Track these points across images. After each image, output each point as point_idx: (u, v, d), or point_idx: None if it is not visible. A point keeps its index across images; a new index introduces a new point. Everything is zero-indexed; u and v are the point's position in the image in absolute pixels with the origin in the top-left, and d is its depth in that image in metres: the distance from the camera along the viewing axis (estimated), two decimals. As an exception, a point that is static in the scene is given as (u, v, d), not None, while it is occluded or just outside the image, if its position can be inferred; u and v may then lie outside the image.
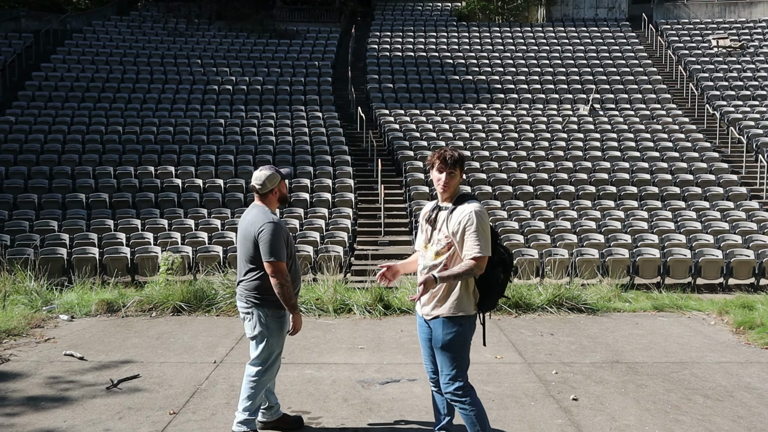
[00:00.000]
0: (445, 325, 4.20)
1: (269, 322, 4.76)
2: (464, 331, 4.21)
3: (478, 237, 4.08)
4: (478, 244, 4.07)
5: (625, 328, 8.30)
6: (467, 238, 4.10)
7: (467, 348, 4.28)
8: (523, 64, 27.24)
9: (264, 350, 4.80)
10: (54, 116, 21.77)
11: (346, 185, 18.00)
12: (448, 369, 4.24)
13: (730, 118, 22.71)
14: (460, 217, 4.14)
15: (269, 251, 4.60)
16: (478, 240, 4.07)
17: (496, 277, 4.20)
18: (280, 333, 4.84)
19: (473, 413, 4.21)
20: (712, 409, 5.46)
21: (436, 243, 4.23)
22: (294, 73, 26.00)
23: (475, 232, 4.08)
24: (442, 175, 4.20)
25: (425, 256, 4.30)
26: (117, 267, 13.08)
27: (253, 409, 4.81)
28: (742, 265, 13.49)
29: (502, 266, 4.24)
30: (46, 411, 5.46)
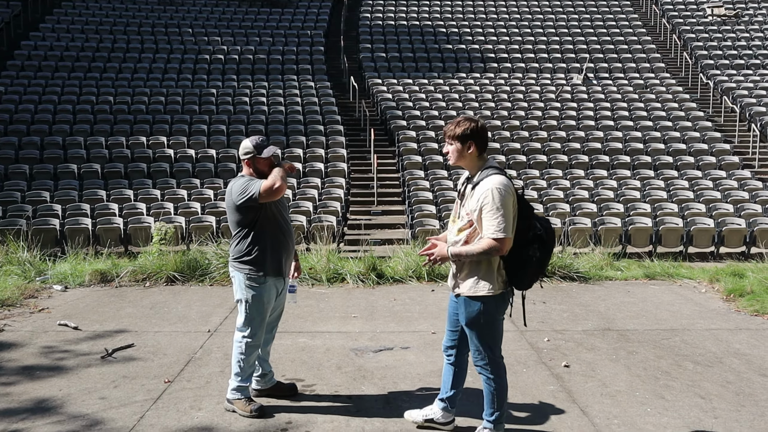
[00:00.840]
0: (467, 303, 4.06)
1: (246, 288, 4.75)
2: (488, 310, 4.03)
3: (496, 216, 3.82)
4: (494, 223, 3.82)
5: (617, 296, 8.37)
6: (485, 217, 3.86)
7: (494, 327, 4.11)
8: (517, 33, 27.06)
9: (245, 315, 4.79)
10: (44, 86, 21.59)
11: (339, 155, 17.95)
12: (475, 344, 4.15)
13: (724, 87, 22.69)
14: (479, 193, 3.89)
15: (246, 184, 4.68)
16: (496, 219, 3.82)
17: (529, 256, 3.93)
18: (259, 299, 4.74)
19: (495, 390, 4.15)
20: (701, 375, 5.52)
21: (460, 218, 4.07)
22: (286, 43, 25.77)
23: (491, 211, 3.83)
24: (444, 146, 4.12)
25: (451, 231, 4.15)
26: (110, 237, 13.07)
27: (244, 375, 4.80)
28: (733, 233, 13.58)
29: (538, 243, 3.95)
30: (41, 380, 5.49)
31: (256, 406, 4.74)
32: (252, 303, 4.75)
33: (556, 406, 4.90)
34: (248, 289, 4.75)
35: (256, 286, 4.74)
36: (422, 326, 7.02)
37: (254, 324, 4.78)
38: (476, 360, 4.21)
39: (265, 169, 4.77)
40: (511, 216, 3.89)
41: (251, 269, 4.72)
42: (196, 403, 4.99)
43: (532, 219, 3.99)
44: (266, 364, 5.06)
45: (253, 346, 4.81)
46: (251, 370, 4.88)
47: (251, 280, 4.73)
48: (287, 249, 4.84)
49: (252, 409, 4.71)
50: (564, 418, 4.71)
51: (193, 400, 5.05)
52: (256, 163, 4.80)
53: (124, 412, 4.84)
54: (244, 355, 4.78)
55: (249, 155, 4.81)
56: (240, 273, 4.78)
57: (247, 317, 4.79)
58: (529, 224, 3.97)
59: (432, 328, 6.93)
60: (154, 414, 4.80)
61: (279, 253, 4.78)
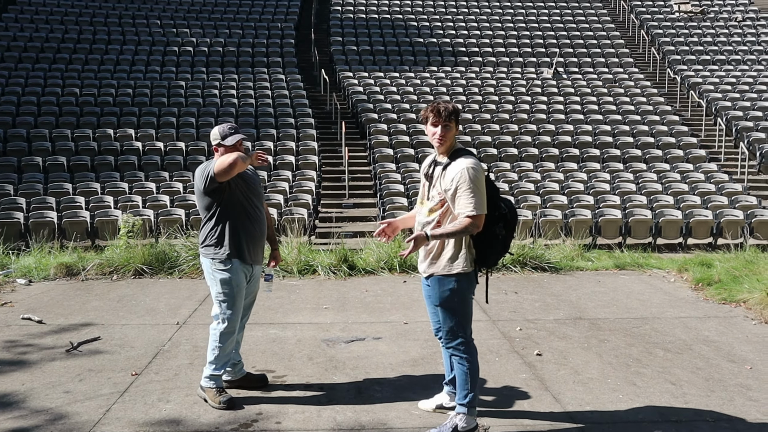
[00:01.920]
0: (441, 282, 4.10)
1: (213, 272, 4.68)
2: (460, 288, 4.08)
3: (472, 194, 3.91)
4: (471, 201, 3.90)
5: (588, 285, 8.40)
6: (460, 195, 3.93)
7: (467, 305, 4.16)
8: (488, 27, 27.10)
9: (217, 301, 4.71)
10: (7, 77, 21.11)
11: (310, 148, 17.82)
12: (448, 325, 4.17)
13: (691, 82, 22.95)
14: (453, 173, 3.96)
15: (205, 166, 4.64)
16: (472, 197, 3.91)
17: (495, 234, 4.04)
18: (228, 283, 4.64)
19: (468, 370, 4.15)
20: (671, 362, 5.56)
21: (430, 199, 4.12)
22: (256, 35, 25.50)
23: (468, 189, 3.91)
24: (437, 129, 4.03)
25: (421, 212, 4.20)
26: (76, 231, 12.80)
27: (218, 364, 4.71)
28: (700, 225, 13.73)
29: (503, 221, 4.08)
30: (2, 375, 5.33)
31: (225, 398, 4.65)
32: (222, 288, 4.66)
33: (529, 394, 4.89)
34: (216, 273, 4.67)
35: (223, 268, 4.65)
36: (394, 317, 6.97)
37: (227, 310, 4.68)
38: (449, 342, 4.22)
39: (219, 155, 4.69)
40: (485, 194, 3.99)
41: (215, 252, 4.67)
42: (164, 395, 4.89)
43: (497, 199, 4.10)
44: (236, 354, 4.97)
45: (227, 333, 4.71)
46: (226, 359, 4.77)
47: (216, 262, 4.66)
48: (253, 236, 4.74)
49: (221, 401, 4.63)
50: (536, 405, 4.70)
51: (161, 392, 4.94)
52: (223, 151, 4.68)
53: (90, 405, 4.72)
54: (218, 343, 4.69)
55: (215, 142, 4.71)
56: (206, 258, 4.72)
57: (218, 303, 4.70)
58: (495, 204, 4.08)
59: (404, 318, 6.89)
60: (120, 407, 4.69)
61: (242, 238, 4.68)
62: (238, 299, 4.72)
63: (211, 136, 4.77)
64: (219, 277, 4.66)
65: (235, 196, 4.65)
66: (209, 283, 4.75)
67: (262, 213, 4.85)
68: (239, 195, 4.67)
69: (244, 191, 4.70)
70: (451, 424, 4.20)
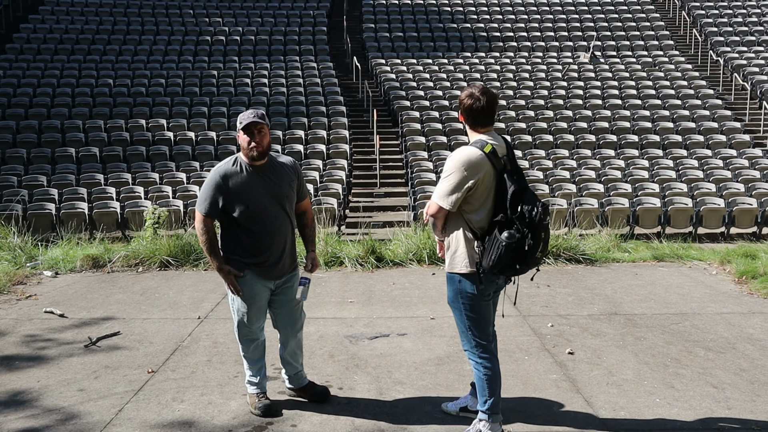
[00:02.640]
0: (448, 280, 3.94)
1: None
2: (464, 289, 3.83)
3: (442, 182, 3.73)
4: (438, 189, 3.74)
5: (624, 278, 8.06)
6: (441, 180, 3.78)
7: (476, 307, 3.87)
8: (522, 11, 26.57)
9: (231, 306, 4.42)
10: (43, 69, 21.31)
11: (341, 136, 17.63)
12: (459, 326, 3.99)
13: (734, 64, 22.19)
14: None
15: (198, 199, 4.23)
16: (441, 185, 3.73)
17: (498, 240, 3.62)
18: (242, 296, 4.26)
19: (485, 375, 3.89)
20: (713, 362, 5.23)
21: None
22: (288, 23, 25.36)
23: (442, 177, 3.76)
24: None
25: None
26: (106, 222, 12.81)
27: (253, 370, 4.45)
28: (744, 213, 13.21)
29: (520, 224, 3.62)
30: (19, 371, 5.24)
31: (261, 404, 4.38)
32: (231, 296, 4.32)
33: (559, 397, 4.62)
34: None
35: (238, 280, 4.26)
36: (421, 311, 6.74)
37: (238, 319, 4.35)
38: (464, 344, 4.01)
39: (243, 144, 4.14)
40: (458, 191, 3.69)
41: (228, 260, 4.25)
42: (178, 394, 4.74)
43: (508, 200, 3.68)
44: (289, 366, 4.60)
45: (247, 340, 4.41)
46: (258, 365, 4.47)
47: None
48: (268, 249, 4.22)
49: (256, 406, 4.38)
50: (567, 409, 4.43)
51: (175, 391, 4.79)
52: (240, 138, 4.19)
53: (102, 404, 4.59)
54: (242, 351, 4.47)
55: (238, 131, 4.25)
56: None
57: (231, 308, 4.43)
58: (503, 205, 3.69)
59: (431, 313, 6.66)
60: (133, 407, 4.55)
61: (254, 252, 4.21)
62: (249, 310, 4.31)
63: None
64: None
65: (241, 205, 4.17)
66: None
67: (281, 221, 4.26)
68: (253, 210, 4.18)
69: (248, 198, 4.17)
70: (474, 431, 3.97)
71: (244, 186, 4.15)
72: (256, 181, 4.18)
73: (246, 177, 4.16)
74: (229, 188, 4.12)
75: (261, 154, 4.15)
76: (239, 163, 4.20)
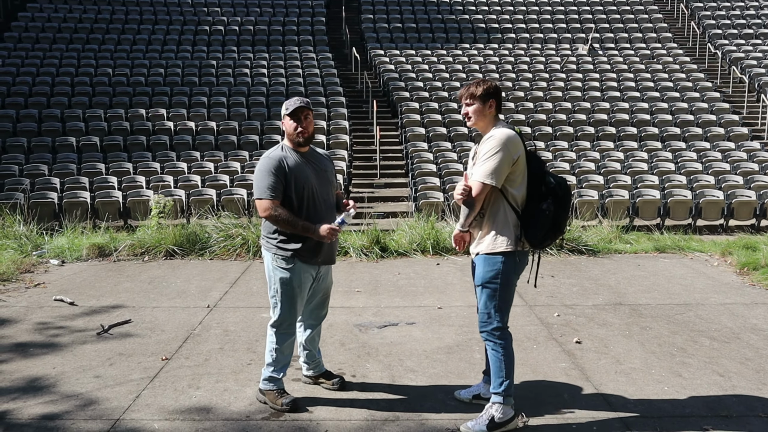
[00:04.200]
0: (486, 261, 3.99)
1: (273, 269, 4.28)
2: (505, 270, 3.95)
3: (487, 162, 3.83)
4: (483, 168, 3.83)
5: (627, 269, 8.15)
6: (478, 162, 3.89)
7: (509, 288, 4.01)
8: (521, 3, 26.56)
9: (272, 299, 4.36)
10: (42, 58, 21.22)
11: (341, 127, 17.66)
12: (486, 307, 4.02)
13: (732, 57, 22.26)
14: (482, 143, 3.91)
15: (256, 187, 4.19)
16: (486, 164, 3.83)
17: (542, 210, 3.86)
18: (288, 284, 4.24)
19: (503, 357, 4.01)
20: (719, 351, 5.32)
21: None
22: (287, 13, 25.31)
23: (484, 156, 3.84)
24: (463, 108, 4.02)
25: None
26: (109, 211, 12.85)
27: (277, 366, 4.40)
28: (743, 206, 13.32)
29: (552, 197, 3.89)
30: (34, 357, 5.30)
31: (288, 400, 4.35)
32: (279, 287, 4.28)
33: (569, 384, 4.70)
34: (275, 270, 4.28)
35: (285, 268, 4.25)
36: (428, 301, 6.82)
37: (282, 310, 4.32)
38: (484, 326, 4.06)
39: (289, 130, 4.20)
40: (505, 167, 3.85)
41: (280, 249, 4.24)
42: (194, 381, 4.80)
43: (543, 174, 3.96)
44: (309, 353, 4.65)
45: (285, 334, 4.37)
46: (286, 361, 4.44)
47: (278, 260, 4.26)
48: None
49: (284, 403, 4.32)
50: (577, 396, 4.51)
51: (191, 378, 4.86)
52: (286, 125, 4.24)
53: (120, 391, 4.65)
54: (275, 344, 4.37)
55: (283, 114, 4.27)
56: (268, 252, 4.32)
57: (273, 300, 4.35)
58: (541, 179, 3.95)
59: (438, 302, 6.73)
60: (150, 393, 4.61)
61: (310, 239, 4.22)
62: (297, 300, 4.32)
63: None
64: (280, 275, 4.27)
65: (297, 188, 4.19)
66: (267, 276, 4.39)
67: (329, 205, 4.33)
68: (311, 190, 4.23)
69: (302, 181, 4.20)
70: (487, 416, 4.04)
71: (299, 170, 4.19)
72: (307, 164, 4.25)
73: (298, 161, 4.23)
74: (286, 172, 4.16)
75: (307, 140, 4.23)
76: (286, 149, 4.27)
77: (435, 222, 9.68)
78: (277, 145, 4.33)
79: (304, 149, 4.28)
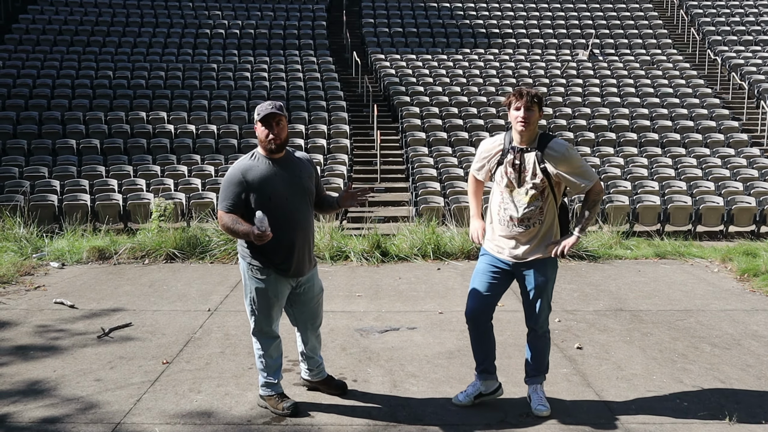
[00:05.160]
0: (548, 265, 4.24)
1: (251, 280, 4.23)
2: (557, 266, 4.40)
3: (586, 167, 4.14)
4: (590, 172, 4.12)
5: (628, 275, 8.15)
6: (579, 172, 4.10)
7: None
8: (522, 8, 26.61)
9: (249, 309, 4.31)
10: (42, 60, 21.26)
11: (342, 131, 17.67)
12: (546, 308, 4.31)
13: (732, 63, 22.31)
14: (559, 155, 4.07)
15: (219, 197, 4.17)
16: (588, 169, 4.13)
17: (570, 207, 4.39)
18: (264, 295, 4.20)
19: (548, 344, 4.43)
20: (720, 358, 5.32)
21: (524, 185, 4.11)
22: (288, 17, 25.36)
23: (580, 164, 4.12)
24: (520, 112, 4.05)
25: (515, 201, 4.15)
26: (109, 214, 12.85)
27: (269, 371, 4.36)
28: (743, 212, 13.34)
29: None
30: (35, 360, 5.29)
31: (288, 404, 4.32)
32: (255, 296, 4.24)
33: (571, 390, 4.70)
34: (251, 280, 4.24)
35: (259, 278, 4.21)
36: (429, 306, 6.81)
37: (258, 319, 4.29)
38: (545, 323, 4.36)
39: (261, 137, 4.10)
40: None
41: (254, 258, 4.20)
42: (195, 385, 4.80)
43: None
44: (312, 360, 4.63)
45: (267, 339, 4.34)
46: (276, 364, 4.41)
47: (253, 273, 4.22)
48: (293, 243, 4.17)
49: (284, 407, 4.30)
50: (579, 402, 4.51)
51: (192, 382, 4.85)
52: (258, 131, 4.15)
53: (120, 394, 4.64)
54: (260, 350, 4.35)
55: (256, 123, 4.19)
56: (243, 260, 4.28)
57: (250, 309, 4.31)
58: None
59: (439, 307, 6.73)
60: (151, 397, 4.60)
61: (278, 247, 4.13)
62: (271, 310, 4.29)
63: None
64: (255, 285, 4.23)
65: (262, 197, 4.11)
66: (243, 286, 4.34)
67: (303, 213, 4.23)
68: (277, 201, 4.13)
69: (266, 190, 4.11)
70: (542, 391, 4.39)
71: (265, 179, 4.10)
72: (276, 173, 4.13)
73: (266, 170, 4.12)
74: (249, 182, 4.07)
75: (279, 147, 4.11)
76: (257, 156, 4.18)
77: (436, 227, 9.66)
78: (250, 152, 4.25)
79: (277, 155, 4.17)
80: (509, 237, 4.20)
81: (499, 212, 4.23)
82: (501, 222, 4.22)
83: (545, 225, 4.17)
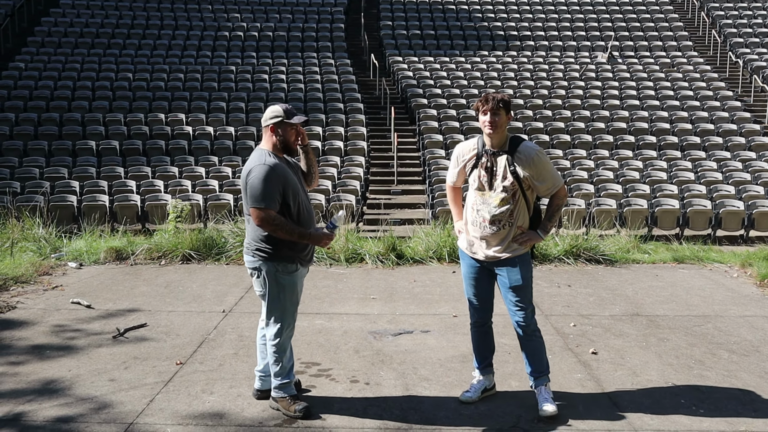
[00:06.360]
0: (522, 261, 4.34)
1: (280, 278, 4.24)
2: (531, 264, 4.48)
3: (553, 171, 4.28)
4: (557, 176, 4.27)
5: (645, 280, 8.07)
6: (546, 176, 4.23)
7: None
8: (540, 11, 26.50)
9: (277, 310, 4.32)
10: (63, 63, 21.47)
11: (359, 133, 17.68)
12: (527, 304, 4.37)
13: (754, 66, 22.06)
14: (529, 159, 4.19)
15: (257, 196, 4.07)
16: (555, 173, 4.28)
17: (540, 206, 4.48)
18: (294, 289, 4.31)
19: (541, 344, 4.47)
20: (738, 365, 5.24)
21: (495, 189, 4.25)
22: (306, 20, 25.43)
23: (547, 169, 4.24)
24: (487, 117, 4.17)
25: (487, 203, 4.29)
26: (127, 215, 12.94)
27: (284, 372, 4.37)
28: (763, 216, 13.17)
29: None
30: (50, 360, 5.34)
31: (301, 407, 4.32)
32: (286, 293, 4.28)
33: (585, 396, 4.66)
34: (280, 277, 4.25)
35: (288, 275, 4.27)
36: (443, 309, 6.79)
37: (287, 316, 4.34)
38: (530, 322, 4.39)
39: (292, 138, 4.24)
40: None
41: (287, 257, 4.24)
42: (207, 386, 4.81)
43: None
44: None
45: (288, 338, 4.38)
46: (290, 363, 4.44)
47: (285, 270, 4.25)
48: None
49: (297, 410, 4.30)
50: (592, 409, 4.47)
51: (205, 383, 4.87)
52: (283, 131, 4.21)
53: (134, 395, 4.67)
54: (280, 352, 4.34)
55: (277, 119, 4.20)
56: (271, 264, 4.23)
57: (279, 311, 4.30)
58: None
59: (453, 311, 6.70)
60: (164, 397, 4.62)
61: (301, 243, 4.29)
62: (297, 303, 4.43)
63: (270, 113, 4.25)
64: (285, 283, 4.27)
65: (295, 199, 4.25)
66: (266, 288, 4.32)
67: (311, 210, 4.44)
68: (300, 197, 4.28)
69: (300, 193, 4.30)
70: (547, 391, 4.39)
71: (291, 176, 4.25)
72: (293, 171, 4.33)
73: (288, 168, 4.27)
74: (284, 179, 4.16)
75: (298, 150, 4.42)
76: (273, 156, 4.22)
77: (452, 229, 9.63)
78: (262, 152, 4.24)
79: (291, 157, 4.40)
80: (481, 237, 4.34)
81: (472, 213, 4.39)
82: (474, 223, 4.37)
83: (516, 227, 4.31)
